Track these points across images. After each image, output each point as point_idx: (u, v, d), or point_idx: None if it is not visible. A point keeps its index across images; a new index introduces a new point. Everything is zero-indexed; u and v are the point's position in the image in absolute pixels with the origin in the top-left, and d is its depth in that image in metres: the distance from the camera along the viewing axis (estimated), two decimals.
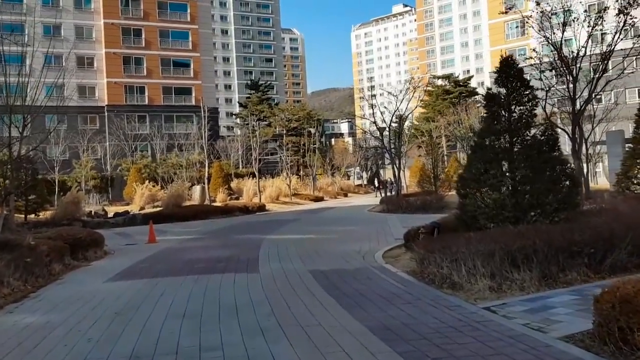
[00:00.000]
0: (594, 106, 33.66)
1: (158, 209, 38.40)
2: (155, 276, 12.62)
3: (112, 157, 59.78)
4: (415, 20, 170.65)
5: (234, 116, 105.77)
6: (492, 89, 12.10)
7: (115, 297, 10.36)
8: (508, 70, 11.14)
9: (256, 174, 45.44)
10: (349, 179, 75.06)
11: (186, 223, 31.19)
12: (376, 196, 50.66)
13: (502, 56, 11.59)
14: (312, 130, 68.37)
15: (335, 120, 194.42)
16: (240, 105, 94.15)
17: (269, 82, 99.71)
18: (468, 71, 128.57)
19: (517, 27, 76.04)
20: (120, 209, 41.68)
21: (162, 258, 16.09)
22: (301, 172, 66.75)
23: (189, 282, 11.55)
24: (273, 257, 14.68)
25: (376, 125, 35.47)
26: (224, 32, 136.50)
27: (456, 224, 12.30)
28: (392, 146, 35.09)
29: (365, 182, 71.19)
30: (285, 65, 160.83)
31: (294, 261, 13.78)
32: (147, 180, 46.99)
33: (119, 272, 13.62)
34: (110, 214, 35.86)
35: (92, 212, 35.71)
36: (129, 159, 58.83)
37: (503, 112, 11.22)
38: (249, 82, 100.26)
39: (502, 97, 11.18)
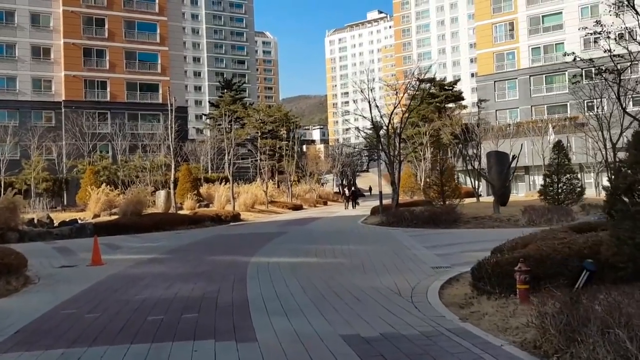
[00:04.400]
0: None
1: (115, 217, 32.92)
2: (77, 342, 7.37)
3: (68, 158, 53.73)
4: (390, 27, 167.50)
5: (204, 117, 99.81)
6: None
7: None
8: None
9: (230, 178, 40.11)
10: (322, 187, 70.42)
11: (147, 235, 25.87)
12: (346, 208, 45.70)
13: None
14: (289, 134, 63.31)
15: (307, 127, 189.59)
16: (212, 104, 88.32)
17: (242, 82, 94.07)
18: (445, 79, 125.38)
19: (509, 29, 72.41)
20: (74, 215, 36.03)
21: (100, 297, 10.79)
22: (276, 178, 61.58)
23: None
24: (271, 303, 9.50)
25: (373, 123, 30.55)
26: (195, 31, 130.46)
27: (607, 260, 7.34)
28: (390, 147, 30.20)
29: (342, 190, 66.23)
30: (257, 69, 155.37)
31: (307, 311, 8.66)
32: (105, 184, 41.22)
33: (23, 328, 8.32)
34: (59, 222, 30.26)
35: (35, 220, 30.00)
36: (86, 159, 52.87)
37: None
38: (220, 82, 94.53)
39: None
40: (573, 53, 15.62)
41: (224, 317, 8.44)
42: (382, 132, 31.61)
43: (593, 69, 17.15)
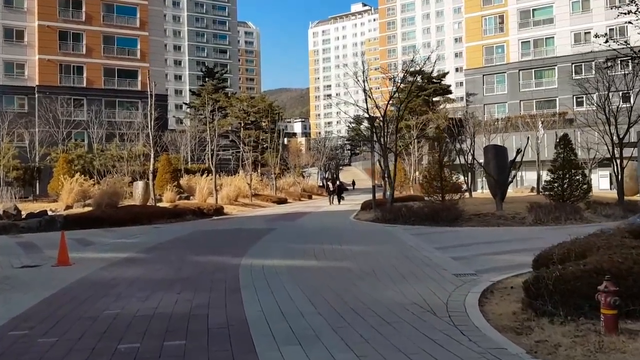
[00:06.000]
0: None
1: (89, 208, 30.73)
2: None
3: (41, 145, 51.12)
4: (375, 19, 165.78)
5: (185, 106, 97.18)
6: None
7: None
8: None
9: (213, 170, 38.02)
10: (305, 180, 68.64)
11: (123, 229, 23.76)
12: (331, 202, 43.82)
13: None
14: (273, 126, 61.30)
15: (288, 120, 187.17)
16: (193, 93, 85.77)
17: (224, 72, 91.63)
18: (432, 72, 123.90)
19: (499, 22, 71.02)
20: (45, 206, 33.69)
21: (62, 311, 8.75)
22: (259, 171, 59.61)
23: None
24: (277, 324, 7.52)
25: (368, 113, 28.77)
26: (176, 18, 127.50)
27: None
28: (384, 138, 28.41)
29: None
30: (239, 60, 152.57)
31: (326, 339, 6.73)
32: (80, 173, 38.86)
33: None
34: (26, 214, 27.96)
35: (1, 211, 27.68)
36: (60, 147, 50.30)
37: None
38: (202, 70, 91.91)
39: None
40: (606, 34, 13.96)
41: (220, 347, 6.49)
42: (375, 123, 29.77)
43: (618, 57, 15.60)
